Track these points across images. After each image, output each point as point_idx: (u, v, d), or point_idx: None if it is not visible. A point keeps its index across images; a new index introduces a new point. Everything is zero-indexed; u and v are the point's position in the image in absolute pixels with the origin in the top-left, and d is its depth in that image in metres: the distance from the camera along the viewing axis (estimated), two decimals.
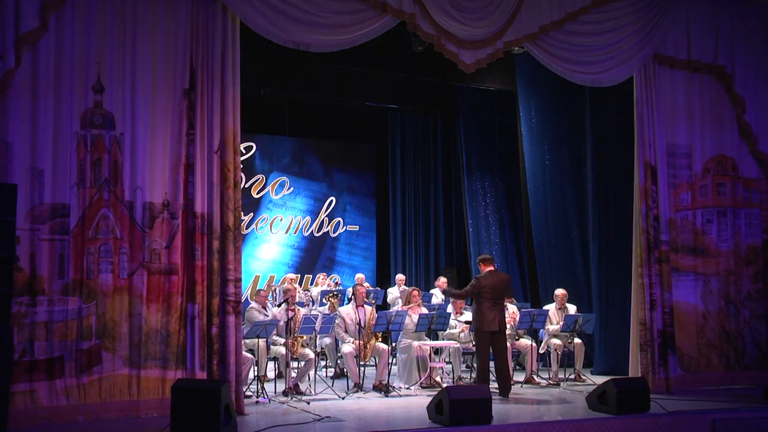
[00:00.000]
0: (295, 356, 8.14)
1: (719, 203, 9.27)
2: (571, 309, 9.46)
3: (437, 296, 11.68)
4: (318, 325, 8.19)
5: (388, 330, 8.38)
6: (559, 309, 9.42)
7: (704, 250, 9.16)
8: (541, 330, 9.45)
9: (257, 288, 12.15)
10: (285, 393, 7.87)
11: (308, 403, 7.42)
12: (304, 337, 8.28)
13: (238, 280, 7.10)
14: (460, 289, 8.57)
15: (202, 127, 7.05)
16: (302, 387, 8.11)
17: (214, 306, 6.93)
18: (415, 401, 7.69)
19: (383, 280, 14.03)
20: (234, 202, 7.07)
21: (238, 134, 7.17)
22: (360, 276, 12.17)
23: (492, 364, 8.10)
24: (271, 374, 9.02)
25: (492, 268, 8.16)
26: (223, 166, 7.08)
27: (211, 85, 7.10)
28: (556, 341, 9.18)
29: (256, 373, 8.02)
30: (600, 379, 8.33)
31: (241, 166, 13.12)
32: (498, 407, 7.12)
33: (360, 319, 8.43)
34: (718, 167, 9.32)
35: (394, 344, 9.09)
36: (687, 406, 7.34)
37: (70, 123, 6.70)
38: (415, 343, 8.62)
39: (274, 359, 8.54)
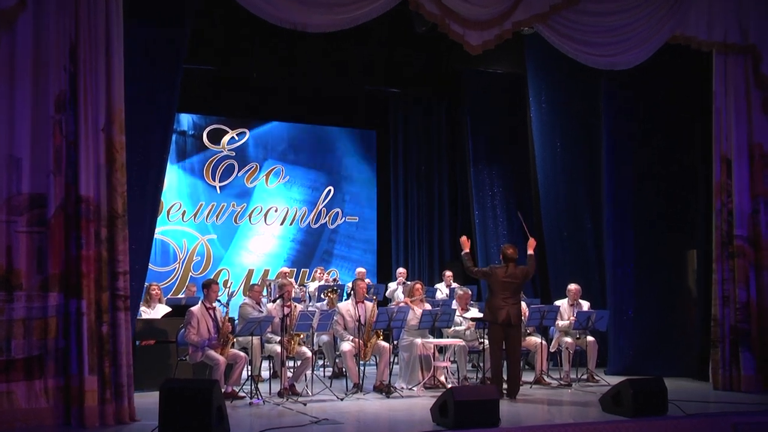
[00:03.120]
0: (291, 355, 8.12)
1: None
2: (584, 305, 9.45)
3: (441, 291, 11.68)
4: (315, 322, 8.18)
5: (389, 327, 8.35)
6: (572, 305, 9.39)
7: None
8: (552, 327, 9.42)
9: (251, 283, 12.16)
10: (280, 394, 7.86)
11: (305, 405, 7.40)
12: (301, 335, 8.26)
13: (127, 272, 6.73)
14: (476, 268, 8.42)
15: (86, 103, 6.66)
16: (298, 387, 8.08)
17: (104, 302, 6.58)
18: (418, 403, 7.67)
19: (384, 275, 14.03)
20: (121, 186, 6.71)
21: (122, 110, 6.79)
22: (361, 270, 12.16)
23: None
24: (265, 374, 9.02)
25: (511, 261, 8.11)
26: (109, 146, 6.72)
27: (95, 57, 6.70)
28: (568, 339, 9.16)
29: (249, 373, 8.00)
30: (614, 380, 8.30)
31: (233, 153, 13.48)
32: (506, 409, 7.08)
33: (360, 316, 8.41)
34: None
35: (395, 342, 9.07)
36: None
37: (46, 107, 6.58)
38: (418, 341, 8.60)
39: (269, 358, 8.53)
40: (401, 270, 12.26)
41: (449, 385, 8.14)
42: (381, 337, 8.55)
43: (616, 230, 10.08)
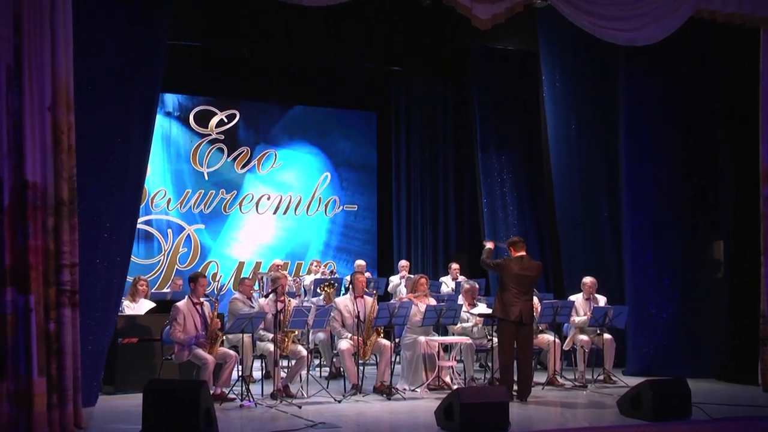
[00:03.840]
0: (284, 354, 8.12)
1: None
2: (601, 300, 9.43)
3: (447, 285, 11.68)
4: (311, 318, 8.18)
5: (390, 324, 8.34)
6: (587, 300, 9.38)
7: None
8: (566, 324, 9.42)
9: (241, 276, 12.17)
10: (273, 396, 7.85)
11: (300, 408, 7.39)
12: (296, 332, 8.26)
13: (75, 265, 6.56)
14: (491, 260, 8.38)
15: (31, 79, 6.42)
16: (293, 389, 8.08)
17: (51, 297, 6.38)
18: (421, 405, 7.66)
19: (386, 268, 14.06)
20: (68, 171, 6.53)
21: (71, 87, 6.61)
22: (360, 263, 12.18)
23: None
24: (257, 374, 9.02)
25: (522, 253, 8.10)
26: (55, 127, 6.53)
27: (39, 27, 6.46)
28: (583, 337, 9.15)
29: (240, 373, 7.99)
30: (633, 381, 8.29)
31: (222, 137, 13.47)
32: (516, 412, 7.08)
33: (359, 312, 8.40)
34: None
35: (397, 340, 9.06)
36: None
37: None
38: (422, 339, 8.59)
39: (261, 357, 8.53)
40: (404, 262, 12.27)
41: (455, 387, 8.13)
42: (381, 335, 8.53)
43: (635, 219, 10.05)
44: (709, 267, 9.93)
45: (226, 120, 13.58)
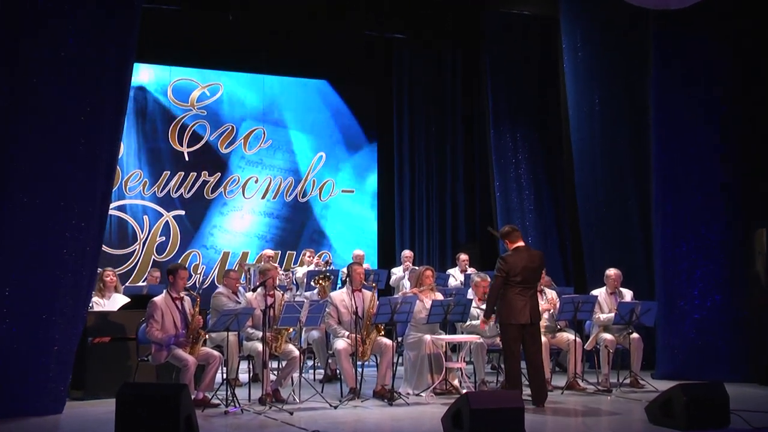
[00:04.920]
0: (274, 354, 8.11)
1: None
2: (627, 295, 9.41)
3: (455, 278, 11.68)
4: (304, 314, 8.15)
5: (392, 321, 8.33)
6: (611, 294, 9.37)
7: None
8: (588, 321, 9.43)
9: (226, 268, 12.15)
10: (262, 401, 7.85)
11: (291, 414, 7.38)
12: (287, 330, 8.23)
13: None
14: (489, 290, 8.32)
15: None
16: (284, 393, 8.09)
17: None
18: (426, 411, 7.66)
19: (387, 258, 14.10)
20: None
21: None
22: (359, 253, 12.19)
23: (523, 364, 8.06)
24: (244, 377, 9.02)
25: (520, 243, 8.07)
26: None
27: None
28: (607, 336, 9.15)
29: (225, 376, 7.98)
30: (664, 385, 8.29)
31: (204, 113, 13.43)
32: (532, 419, 7.04)
33: (357, 307, 8.39)
34: None
35: (400, 339, 9.06)
36: None
37: None
38: (427, 338, 8.59)
39: (248, 358, 8.51)
40: (407, 253, 12.27)
41: (464, 391, 8.09)
42: (382, 333, 8.52)
43: (666, 205, 10.02)
44: (750, 258, 9.89)
45: (208, 93, 13.55)
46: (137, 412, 5.87)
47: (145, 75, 13.16)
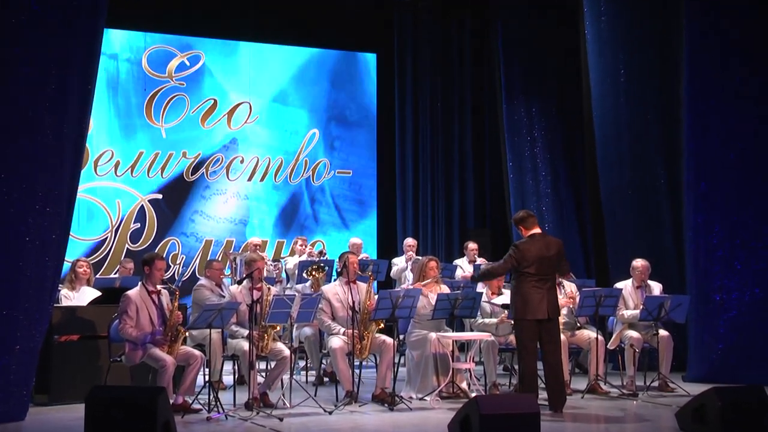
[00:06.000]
0: (262, 354, 8.10)
1: None
2: (655, 288, 9.40)
3: (463, 269, 11.68)
4: (295, 309, 8.15)
5: (393, 317, 8.31)
6: (638, 288, 9.37)
7: None
8: (611, 317, 9.42)
9: (208, 258, 12.14)
10: (248, 406, 7.83)
11: (281, 420, 7.39)
12: (276, 328, 8.23)
13: None
14: (492, 264, 8.42)
15: None
16: (272, 397, 8.09)
17: None
18: (431, 417, 7.66)
19: (387, 247, 14.15)
20: None
21: None
22: (355, 241, 12.21)
23: (540, 365, 8.04)
24: (228, 379, 9.04)
25: (537, 230, 8.07)
26: None
27: None
28: (633, 334, 9.14)
29: (207, 378, 7.97)
30: (696, 388, 8.31)
31: (184, 84, 13.39)
32: (549, 426, 7.08)
33: (353, 302, 8.38)
34: None
35: (401, 337, 9.07)
36: None
37: None
38: (432, 336, 8.59)
39: (233, 358, 8.52)
40: (410, 241, 12.27)
41: (473, 394, 8.12)
42: (382, 327, 8.48)
43: (699, 187, 9.99)
44: None
45: (188, 63, 13.51)
46: (109, 419, 5.87)
47: (117, 42, 13.11)
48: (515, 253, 7.89)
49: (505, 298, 9.04)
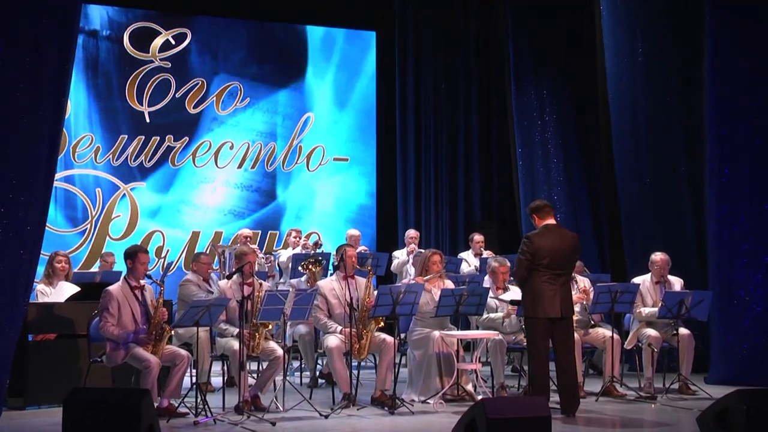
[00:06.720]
0: (254, 354, 8.11)
1: None
2: (675, 284, 9.41)
3: (469, 263, 11.69)
4: (288, 306, 8.15)
5: (394, 314, 8.30)
6: (657, 283, 9.37)
7: None
8: (628, 315, 9.44)
9: (196, 251, 12.15)
10: (239, 409, 7.84)
11: (273, 425, 7.39)
12: (269, 326, 8.22)
13: None
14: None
15: None
16: (264, 400, 8.09)
17: None
18: (434, 421, 7.67)
19: (388, 240, 14.16)
20: None
21: None
22: (353, 233, 12.23)
23: (552, 366, 8.05)
24: (217, 381, 9.05)
25: (551, 221, 8.06)
26: None
27: None
28: (651, 332, 9.14)
29: (194, 380, 8.00)
30: (719, 391, 8.32)
31: (169, 65, 13.37)
32: (561, 430, 7.10)
33: (351, 298, 8.37)
34: None
35: (403, 335, 9.08)
36: None
37: None
38: (436, 334, 8.59)
39: (222, 358, 8.51)
40: (412, 233, 12.27)
41: (479, 397, 8.12)
42: (382, 325, 8.49)
43: (723, 174, 9.97)
44: None
45: (173, 42, 13.51)
46: (89, 423, 5.86)
47: (96, 17, 13.11)
48: (528, 246, 7.85)
49: (512, 294, 9.06)
